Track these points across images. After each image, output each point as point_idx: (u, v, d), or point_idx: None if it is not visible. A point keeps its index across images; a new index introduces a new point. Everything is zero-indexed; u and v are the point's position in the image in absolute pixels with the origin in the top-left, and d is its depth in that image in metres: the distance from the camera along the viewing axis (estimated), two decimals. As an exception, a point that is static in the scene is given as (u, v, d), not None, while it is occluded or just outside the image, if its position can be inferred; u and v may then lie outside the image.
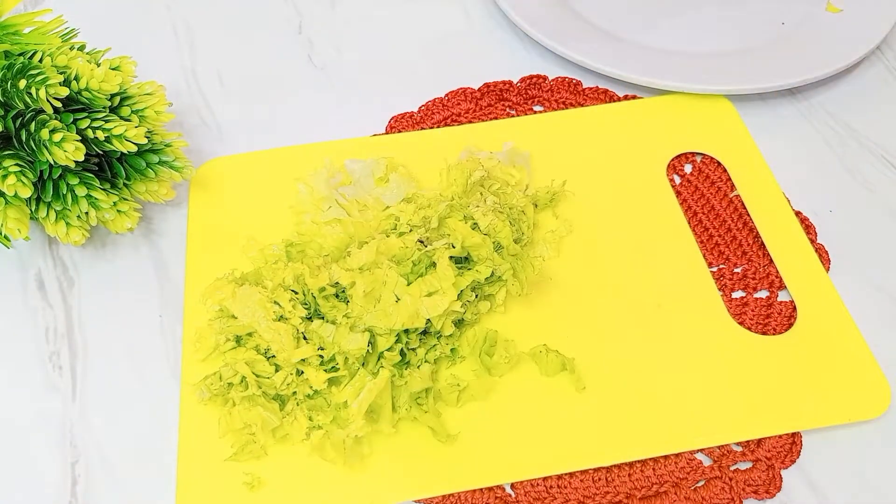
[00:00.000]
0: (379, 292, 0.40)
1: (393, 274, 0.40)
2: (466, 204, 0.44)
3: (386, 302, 0.40)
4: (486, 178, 0.46)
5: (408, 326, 0.39)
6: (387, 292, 0.40)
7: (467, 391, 0.41)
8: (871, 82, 0.56)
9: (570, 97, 0.55)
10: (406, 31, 0.61)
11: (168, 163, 0.46)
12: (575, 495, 0.39)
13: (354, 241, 0.44)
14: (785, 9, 0.59)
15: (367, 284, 0.39)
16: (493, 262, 0.41)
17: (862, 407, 0.40)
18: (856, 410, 0.40)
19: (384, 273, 0.40)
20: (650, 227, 0.47)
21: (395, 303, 0.40)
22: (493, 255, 0.41)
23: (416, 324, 0.39)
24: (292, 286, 0.41)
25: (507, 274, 0.41)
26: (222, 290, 0.42)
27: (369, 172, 0.48)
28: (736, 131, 0.52)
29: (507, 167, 0.48)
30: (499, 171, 0.47)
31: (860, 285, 0.45)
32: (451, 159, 0.49)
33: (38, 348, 0.44)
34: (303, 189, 0.47)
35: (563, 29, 0.56)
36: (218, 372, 0.40)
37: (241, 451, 0.39)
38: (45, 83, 0.40)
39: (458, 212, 0.43)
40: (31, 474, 0.40)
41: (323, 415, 0.39)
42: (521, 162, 0.49)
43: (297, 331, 0.40)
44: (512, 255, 0.42)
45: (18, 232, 0.42)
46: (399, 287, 0.40)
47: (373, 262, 0.41)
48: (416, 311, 0.39)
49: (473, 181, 0.45)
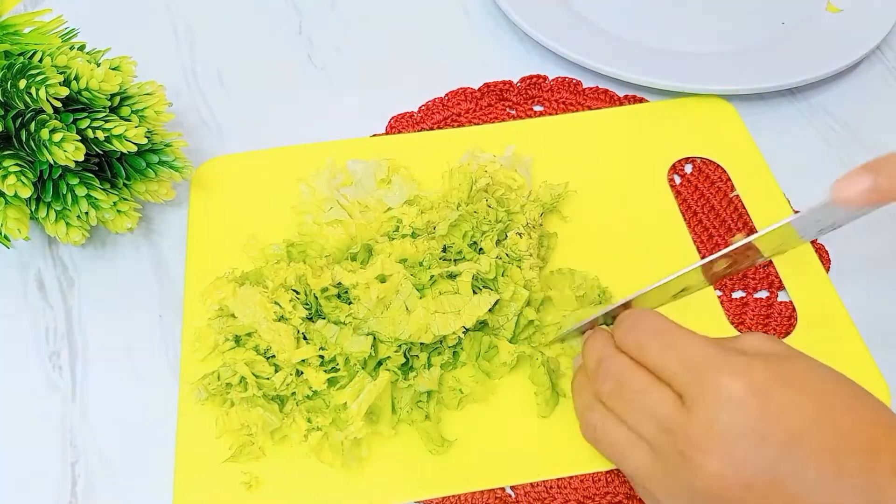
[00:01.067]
0: (390, 300, 0.40)
1: (407, 284, 0.40)
2: (473, 210, 0.44)
3: (395, 310, 0.39)
4: (491, 185, 0.46)
5: (415, 340, 0.39)
6: (397, 301, 0.40)
7: (468, 395, 0.40)
8: (871, 82, 0.56)
9: (571, 97, 0.55)
10: (406, 31, 0.61)
11: (168, 163, 0.46)
12: (575, 496, 0.39)
13: (356, 242, 0.44)
14: (785, 9, 0.59)
15: (380, 290, 0.39)
16: (517, 303, 0.41)
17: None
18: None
19: (399, 281, 0.40)
20: (650, 233, 0.47)
21: (405, 313, 0.39)
22: (520, 292, 0.41)
23: (424, 339, 0.39)
24: (294, 286, 0.41)
25: (523, 304, 0.41)
26: (222, 289, 0.42)
27: (371, 174, 0.48)
28: (737, 134, 0.52)
29: (510, 171, 0.48)
30: (501, 175, 0.47)
31: (860, 285, 0.45)
32: (453, 162, 0.49)
33: (38, 348, 0.44)
34: (305, 190, 0.47)
35: (563, 29, 0.56)
36: (216, 372, 0.40)
37: (240, 453, 0.39)
38: (45, 83, 0.40)
39: (465, 221, 0.43)
40: (31, 474, 0.40)
41: (322, 416, 0.39)
42: (522, 167, 0.49)
43: (297, 331, 0.40)
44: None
45: (18, 232, 0.42)
46: (412, 298, 0.40)
47: (391, 268, 0.41)
48: (427, 326, 0.39)
49: (478, 188, 0.45)
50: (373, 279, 0.40)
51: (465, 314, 0.39)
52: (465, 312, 0.39)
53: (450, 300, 0.40)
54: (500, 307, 0.41)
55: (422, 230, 0.43)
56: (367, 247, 0.43)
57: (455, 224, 0.43)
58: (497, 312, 0.41)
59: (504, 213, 0.44)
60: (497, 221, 0.44)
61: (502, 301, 0.41)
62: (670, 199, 0.49)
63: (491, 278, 0.41)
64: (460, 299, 0.40)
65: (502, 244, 0.43)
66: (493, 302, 0.40)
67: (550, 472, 0.39)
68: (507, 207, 0.45)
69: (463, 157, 0.49)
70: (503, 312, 0.41)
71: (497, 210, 0.44)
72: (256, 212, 0.48)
